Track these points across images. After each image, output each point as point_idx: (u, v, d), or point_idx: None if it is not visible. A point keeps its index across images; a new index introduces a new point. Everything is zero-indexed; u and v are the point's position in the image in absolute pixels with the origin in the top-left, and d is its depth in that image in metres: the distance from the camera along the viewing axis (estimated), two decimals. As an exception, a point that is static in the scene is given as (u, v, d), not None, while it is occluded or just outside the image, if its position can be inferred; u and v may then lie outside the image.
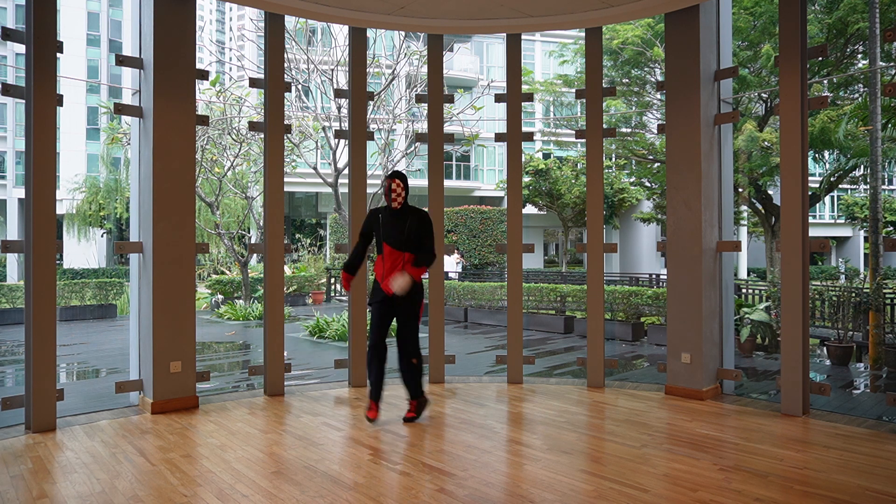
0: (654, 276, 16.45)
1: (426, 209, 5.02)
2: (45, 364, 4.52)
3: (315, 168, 12.61)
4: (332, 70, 12.11)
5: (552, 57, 21.68)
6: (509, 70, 6.22)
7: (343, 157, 11.71)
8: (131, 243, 5.15)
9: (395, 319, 4.67)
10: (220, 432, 4.46)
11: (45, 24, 4.55)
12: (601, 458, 3.91)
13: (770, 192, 15.07)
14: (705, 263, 5.47)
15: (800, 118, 4.91)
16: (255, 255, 20.30)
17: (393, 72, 12.31)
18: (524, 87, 7.27)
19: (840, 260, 33.63)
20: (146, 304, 5.08)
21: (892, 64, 12.04)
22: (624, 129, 17.33)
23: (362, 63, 6.03)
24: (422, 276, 4.63)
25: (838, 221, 34.11)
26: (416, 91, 12.90)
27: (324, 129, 12.83)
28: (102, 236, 28.57)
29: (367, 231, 4.74)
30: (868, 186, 12.02)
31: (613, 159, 21.46)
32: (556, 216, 23.25)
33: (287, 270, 19.89)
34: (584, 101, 6.07)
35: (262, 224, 8.04)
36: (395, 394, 5.66)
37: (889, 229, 28.25)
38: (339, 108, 11.65)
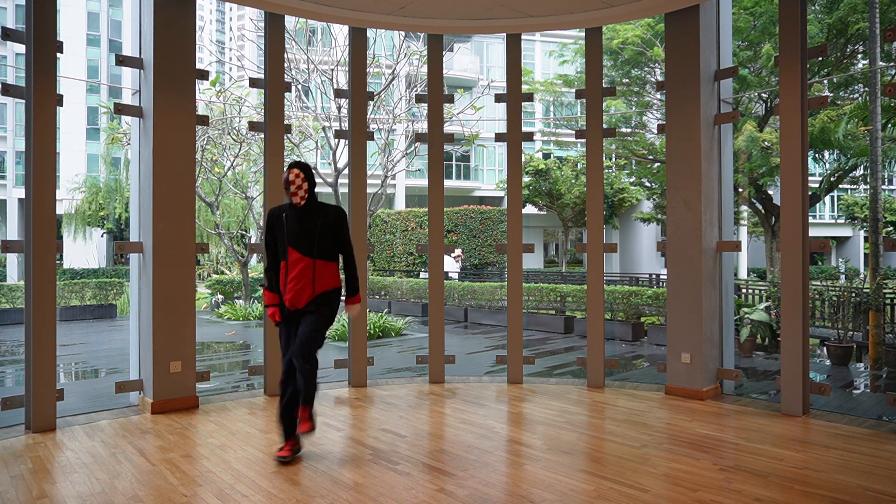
0: (654, 276, 16.44)
1: (338, 205, 4.09)
2: (45, 364, 4.52)
3: (315, 168, 12.60)
4: (332, 70, 12.11)
5: (552, 57, 21.68)
6: (509, 70, 6.22)
7: (343, 157, 11.71)
8: (131, 243, 5.15)
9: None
10: (220, 432, 4.46)
11: (45, 24, 4.55)
12: (601, 458, 3.91)
13: (770, 192, 15.07)
14: (705, 263, 5.47)
15: (800, 118, 4.91)
16: (255, 255, 20.30)
17: (393, 72, 12.30)
18: (524, 87, 7.27)
19: (840, 260, 33.63)
20: (146, 304, 5.08)
21: (892, 64, 12.04)
22: (624, 129, 17.33)
23: (362, 63, 6.03)
24: (333, 287, 3.85)
25: (838, 221, 34.11)
26: (416, 91, 12.90)
27: (324, 129, 12.82)
28: (102, 236, 28.57)
29: (272, 239, 3.87)
30: (868, 186, 12.02)
31: (613, 159, 21.46)
32: (556, 216, 23.25)
33: (287, 270, 19.83)
34: (584, 101, 6.07)
35: (262, 224, 8.02)
36: (393, 393, 5.66)
37: (889, 229, 28.25)
38: (339, 108, 11.64)
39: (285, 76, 6.76)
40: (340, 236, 3.83)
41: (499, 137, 6.34)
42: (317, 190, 3.98)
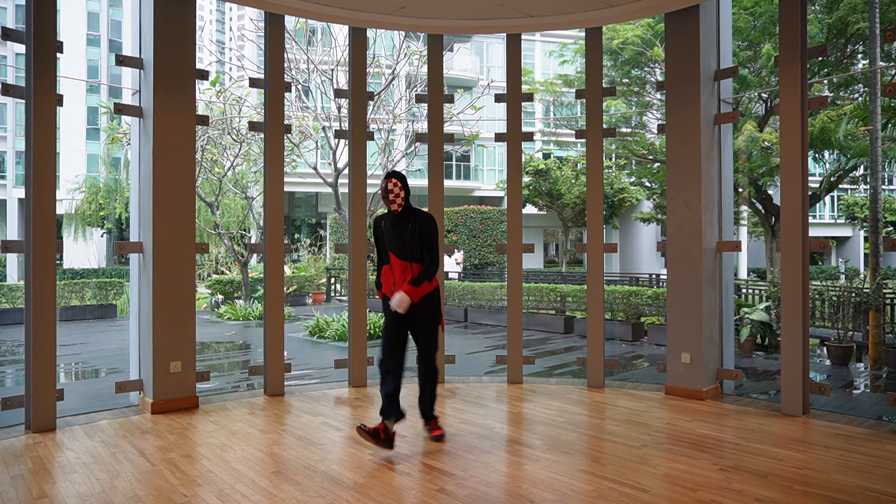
0: (654, 276, 16.45)
1: (427, 210, 4.35)
2: (45, 364, 4.52)
3: (315, 168, 12.61)
4: (332, 70, 12.11)
5: (552, 57, 21.68)
6: (509, 70, 6.22)
7: (343, 157, 11.71)
8: (131, 243, 5.15)
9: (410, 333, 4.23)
10: (220, 432, 4.46)
11: (45, 24, 4.55)
12: (601, 458, 3.91)
13: (770, 192, 15.07)
14: (705, 263, 5.47)
15: (800, 118, 4.91)
16: (255, 255, 20.30)
17: (393, 72, 12.31)
18: (524, 87, 7.27)
19: (840, 260, 33.62)
20: (146, 304, 5.08)
21: (892, 64, 12.04)
22: (624, 129, 17.33)
23: (362, 63, 6.03)
24: (429, 290, 4.13)
25: (838, 221, 34.11)
26: (416, 91, 12.90)
27: (324, 129, 12.83)
28: (102, 236, 28.56)
29: (378, 245, 4.28)
30: (868, 186, 12.02)
31: (613, 159, 21.47)
32: (556, 216, 23.25)
33: (287, 270, 19.88)
34: (584, 101, 6.07)
35: (262, 224, 8.04)
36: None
37: (889, 229, 28.24)
38: (339, 108, 11.65)
39: (285, 76, 6.76)
40: (427, 238, 4.09)
41: (499, 137, 6.34)
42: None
